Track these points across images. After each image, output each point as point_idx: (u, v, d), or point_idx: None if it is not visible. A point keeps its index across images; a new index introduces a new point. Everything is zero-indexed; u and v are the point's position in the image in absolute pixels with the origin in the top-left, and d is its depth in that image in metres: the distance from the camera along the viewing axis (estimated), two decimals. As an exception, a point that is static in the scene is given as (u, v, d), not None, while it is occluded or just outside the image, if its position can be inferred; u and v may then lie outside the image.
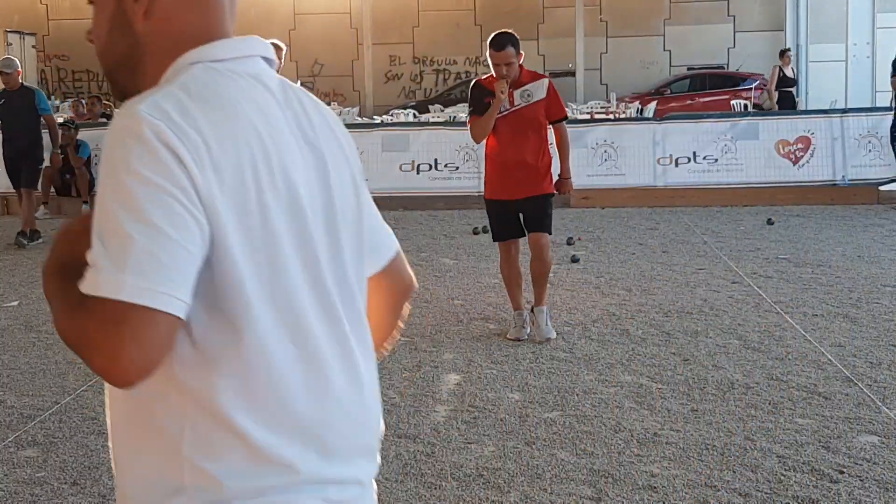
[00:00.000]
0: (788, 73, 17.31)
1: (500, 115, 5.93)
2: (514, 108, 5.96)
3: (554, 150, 6.25)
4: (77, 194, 13.11)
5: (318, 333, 1.39)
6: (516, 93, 5.95)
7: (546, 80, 6.08)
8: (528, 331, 6.03)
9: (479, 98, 6.03)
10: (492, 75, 5.99)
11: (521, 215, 6.09)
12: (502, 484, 3.84)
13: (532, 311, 6.09)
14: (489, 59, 5.95)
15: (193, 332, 1.30)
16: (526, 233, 6.10)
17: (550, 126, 6.14)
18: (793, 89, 17.61)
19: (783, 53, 17.71)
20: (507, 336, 6.06)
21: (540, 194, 6.03)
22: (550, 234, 6.13)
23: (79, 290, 1.24)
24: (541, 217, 6.05)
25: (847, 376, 5.11)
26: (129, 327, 1.20)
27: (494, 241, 6.32)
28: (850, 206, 12.01)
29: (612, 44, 28.18)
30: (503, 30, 6.00)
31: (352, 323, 1.44)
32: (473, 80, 6.27)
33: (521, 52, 5.96)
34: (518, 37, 5.96)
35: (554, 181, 6.17)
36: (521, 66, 5.97)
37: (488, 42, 5.95)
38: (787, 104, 17.04)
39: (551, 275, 8.05)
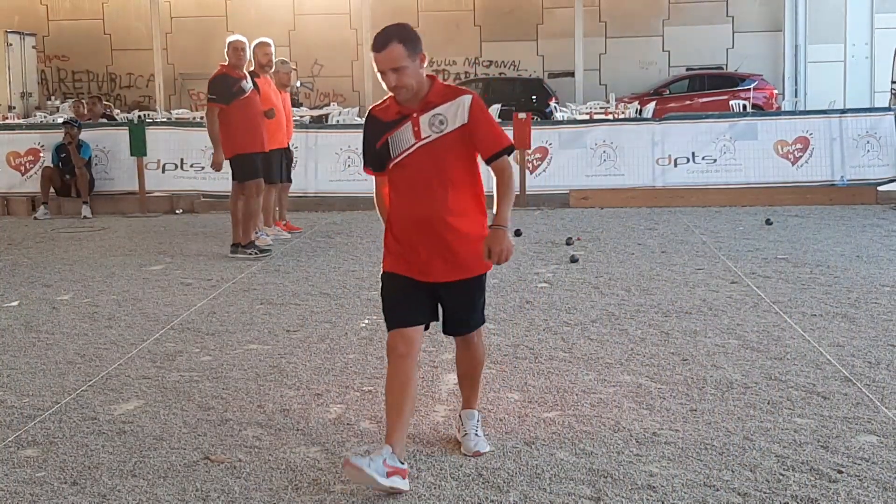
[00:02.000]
0: None
1: (401, 155, 3.93)
2: (421, 143, 3.90)
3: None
4: (77, 194, 13.11)
5: None
6: (422, 119, 3.89)
7: (467, 98, 3.89)
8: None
9: (370, 142, 4.04)
10: (391, 97, 3.98)
11: (437, 301, 4.07)
12: (501, 484, 3.84)
13: (459, 415, 4.32)
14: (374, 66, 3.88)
15: None
16: (443, 328, 4.14)
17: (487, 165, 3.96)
18: None
19: None
20: None
21: (466, 278, 4.01)
22: (483, 323, 4.19)
23: None
24: (467, 313, 4.08)
25: (846, 376, 5.12)
26: None
27: (388, 328, 3.96)
28: (849, 207, 12.05)
29: (611, 44, 28.26)
30: (397, 23, 3.90)
31: None
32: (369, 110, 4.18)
33: (423, 52, 3.87)
34: (416, 31, 3.88)
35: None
36: (431, 76, 3.96)
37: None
38: None
39: (550, 275, 8.12)
